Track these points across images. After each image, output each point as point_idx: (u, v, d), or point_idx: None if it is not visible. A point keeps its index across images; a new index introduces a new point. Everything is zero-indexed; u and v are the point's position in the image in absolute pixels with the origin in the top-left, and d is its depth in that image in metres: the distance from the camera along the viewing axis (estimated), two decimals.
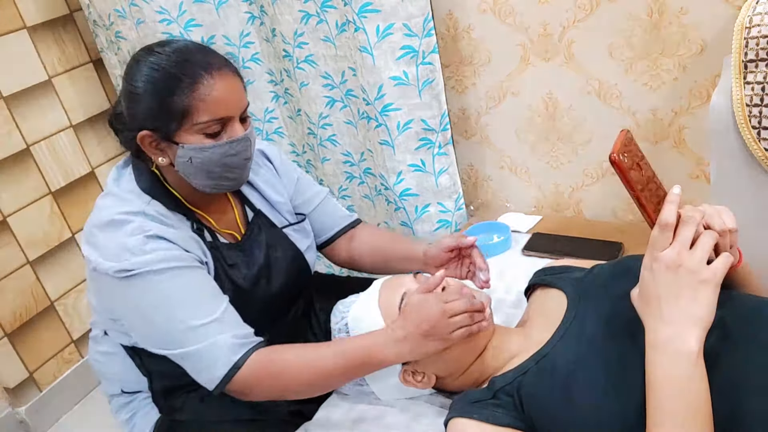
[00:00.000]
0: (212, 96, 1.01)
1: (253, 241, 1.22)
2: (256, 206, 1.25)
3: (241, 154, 1.07)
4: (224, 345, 1.00)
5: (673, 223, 0.74)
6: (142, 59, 1.04)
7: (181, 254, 1.04)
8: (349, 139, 1.83)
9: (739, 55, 1.10)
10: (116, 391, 1.27)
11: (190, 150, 1.03)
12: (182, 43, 1.06)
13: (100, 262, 1.02)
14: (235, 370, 1.00)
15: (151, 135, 1.04)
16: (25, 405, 2.01)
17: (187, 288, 1.03)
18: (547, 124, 1.63)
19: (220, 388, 1.01)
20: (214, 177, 1.07)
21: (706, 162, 1.48)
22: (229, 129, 1.05)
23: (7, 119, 1.91)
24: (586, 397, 0.81)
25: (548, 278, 1.08)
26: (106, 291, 1.08)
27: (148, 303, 1.01)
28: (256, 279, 1.19)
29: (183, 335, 1.01)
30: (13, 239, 1.96)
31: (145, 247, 1.01)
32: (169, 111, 1.01)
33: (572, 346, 0.88)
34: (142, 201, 1.08)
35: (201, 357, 1.00)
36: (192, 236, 1.11)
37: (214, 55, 1.05)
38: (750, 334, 0.79)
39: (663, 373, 0.72)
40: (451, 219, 1.76)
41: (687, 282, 0.72)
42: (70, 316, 2.14)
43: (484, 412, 0.89)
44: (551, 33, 1.50)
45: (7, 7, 1.90)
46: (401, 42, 1.52)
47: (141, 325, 1.06)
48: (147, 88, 1.02)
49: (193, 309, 1.01)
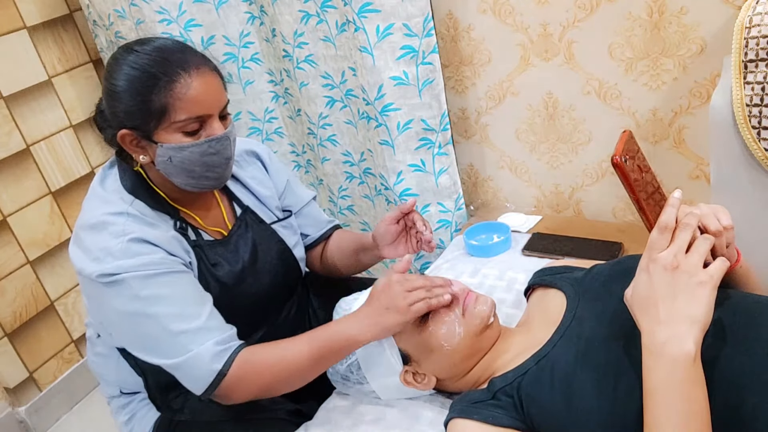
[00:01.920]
0: (189, 94, 1.01)
1: (239, 238, 1.21)
2: (243, 202, 1.25)
3: (222, 153, 1.07)
4: (207, 354, 0.99)
5: (673, 226, 0.74)
6: (122, 57, 1.04)
7: (164, 258, 1.04)
8: (349, 139, 1.83)
9: (739, 55, 1.11)
10: (115, 393, 1.27)
11: (169, 149, 1.03)
12: (161, 41, 1.06)
13: (85, 265, 1.02)
14: (220, 377, 0.99)
15: (131, 134, 1.04)
16: (25, 405, 2.01)
17: (169, 294, 1.02)
18: (547, 124, 1.63)
19: (207, 394, 1.01)
20: (194, 176, 1.07)
21: (706, 162, 1.48)
22: (208, 127, 1.04)
23: (7, 119, 1.91)
24: (586, 397, 0.82)
25: (548, 278, 1.08)
26: (92, 295, 1.08)
27: (130, 310, 1.01)
28: (241, 276, 1.18)
29: (167, 344, 1.01)
30: (13, 239, 1.96)
31: (128, 251, 1.01)
32: (148, 110, 1.01)
33: (572, 347, 0.88)
34: (124, 201, 1.08)
35: (186, 367, 1.00)
36: (175, 236, 1.10)
37: (193, 53, 1.05)
38: (748, 334, 0.79)
39: (660, 378, 0.71)
40: (451, 219, 1.76)
41: (684, 284, 0.72)
42: (70, 316, 2.14)
43: (484, 412, 0.90)
44: (551, 33, 1.50)
45: (7, 7, 1.90)
46: (401, 42, 1.52)
47: (125, 332, 1.06)
48: (126, 87, 1.02)
49: (175, 316, 1.01)
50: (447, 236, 1.77)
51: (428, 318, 1.01)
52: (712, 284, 0.72)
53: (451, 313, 1.01)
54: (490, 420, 0.88)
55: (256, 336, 1.24)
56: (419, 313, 0.99)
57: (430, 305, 0.99)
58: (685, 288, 0.72)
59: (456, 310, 1.01)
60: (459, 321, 1.00)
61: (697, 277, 0.72)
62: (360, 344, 1.02)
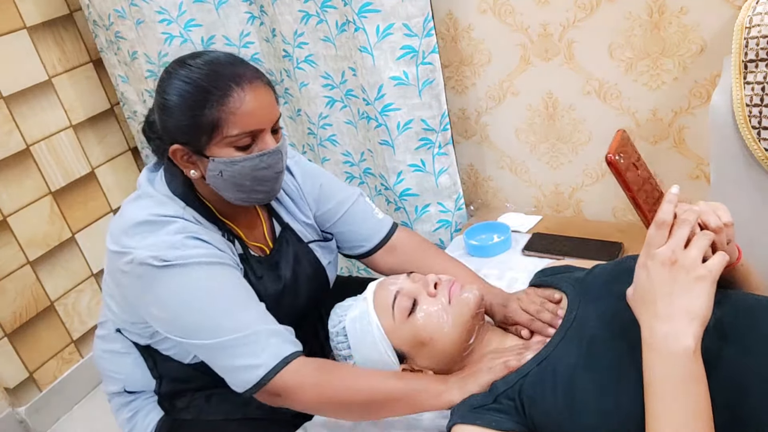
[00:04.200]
0: (242, 109, 0.99)
1: (281, 256, 1.20)
2: (284, 220, 1.23)
3: (273, 167, 1.05)
4: (272, 339, 0.97)
5: (670, 222, 0.73)
6: (174, 72, 1.03)
7: (222, 254, 1.04)
8: (349, 139, 1.83)
9: (739, 55, 1.11)
10: (118, 390, 1.26)
11: (221, 163, 1.02)
12: (214, 55, 1.05)
13: (139, 252, 0.99)
14: (282, 365, 0.96)
15: (183, 149, 1.03)
16: (25, 405, 2.01)
17: (226, 281, 1.02)
18: (547, 124, 1.63)
19: (256, 388, 0.97)
20: (245, 190, 1.06)
21: (706, 162, 1.48)
22: (260, 142, 1.03)
23: (7, 119, 1.91)
24: (588, 399, 0.81)
25: (549, 278, 1.08)
26: (139, 284, 1.03)
27: (187, 290, 0.99)
28: (282, 294, 1.18)
29: (223, 324, 0.98)
30: (13, 239, 1.96)
31: (187, 243, 1.01)
32: (200, 124, 1.00)
33: (573, 348, 0.88)
34: (178, 206, 1.07)
35: (240, 348, 0.97)
36: (227, 243, 1.10)
37: (246, 67, 1.04)
38: (750, 334, 0.78)
39: (660, 373, 0.71)
40: (451, 219, 1.76)
41: (682, 279, 0.71)
42: (70, 316, 2.14)
43: (486, 417, 0.89)
44: (551, 33, 1.50)
45: (7, 7, 1.90)
46: (401, 42, 1.52)
47: (176, 316, 1.02)
48: (177, 102, 1.01)
49: (233, 300, 1.00)
50: (447, 236, 1.77)
51: (415, 311, 1.02)
52: (711, 278, 0.71)
53: (437, 303, 1.01)
54: (492, 425, 0.88)
55: None
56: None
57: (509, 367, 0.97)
58: (684, 283, 0.71)
59: (442, 299, 1.02)
60: (446, 309, 1.00)
61: (696, 271, 0.71)
62: (441, 403, 0.99)
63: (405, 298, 1.03)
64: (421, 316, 1.01)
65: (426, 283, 1.05)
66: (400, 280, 1.08)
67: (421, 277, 1.07)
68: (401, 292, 1.04)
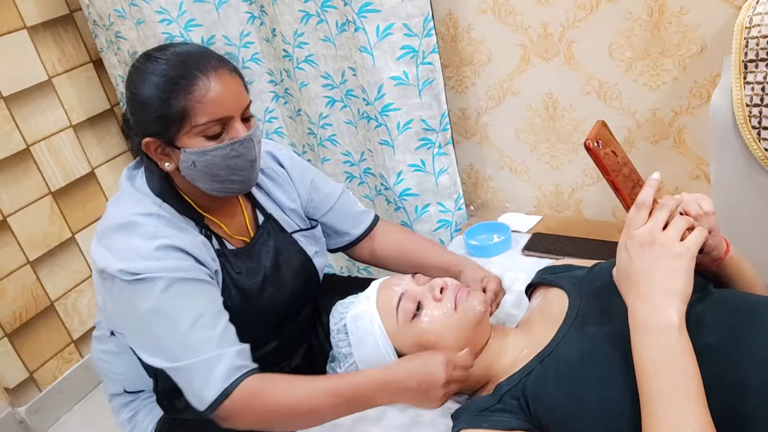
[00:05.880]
0: (208, 96, 0.99)
1: (261, 246, 1.20)
2: (267, 210, 1.23)
3: (245, 156, 1.05)
4: (219, 367, 0.97)
5: (650, 204, 0.75)
6: (141, 65, 1.03)
7: (191, 266, 1.03)
8: (349, 139, 1.83)
9: (739, 55, 1.11)
10: (118, 390, 1.27)
11: (192, 154, 1.02)
12: (179, 46, 1.05)
13: (110, 263, 1.00)
14: (224, 396, 0.96)
15: (155, 141, 1.04)
16: (25, 405, 2.01)
17: (190, 300, 1.01)
18: (547, 124, 1.63)
19: (210, 411, 0.97)
20: (219, 180, 1.06)
21: (706, 162, 1.48)
22: (231, 130, 1.03)
23: (7, 119, 1.91)
24: (591, 395, 0.81)
25: (549, 277, 1.08)
26: (111, 294, 1.06)
27: (149, 309, 0.99)
28: (263, 286, 1.18)
29: (180, 348, 0.98)
30: (13, 239, 1.96)
31: (156, 254, 1.00)
32: (168, 115, 1.00)
33: (575, 344, 0.88)
34: (154, 203, 1.07)
35: (193, 375, 0.97)
36: (204, 241, 1.10)
37: (211, 55, 1.04)
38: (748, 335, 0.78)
39: (646, 352, 0.72)
40: (451, 219, 1.76)
41: (661, 256, 0.72)
42: (70, 316, 2.14)
43: (492, 419, 0.89)
44: (551, 33, 1.50)
45: (7, 7, 1.90)
46: (401, 42, 1.52)
47: (138, 333, 1.04)
48: (145, 94, 1.01)
49: (193, 322, 0.99)
50: (447, 236, 1.77)
51: (420, 315, 1.02)
52: (689, 255, 0.72)
53: (443, 308, 1.01)
54: (499, 426, 0.87)
55: (270, 346, 1.23)
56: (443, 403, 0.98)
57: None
58: (663, 261, 0.72)
59: (447, 304, 1.01)
60: (451, 315, 1.00)
61: (674, 248, 0.72)
62: (377, 406, 1.00)
63: (410, 300, 1.03)
64: (425, 321, 1.01)
65: (432, 287, 1.04)
66: (405, 281, 1.07)
67: (426, 280, 1.07)
68: (406, 294, 1.04)
